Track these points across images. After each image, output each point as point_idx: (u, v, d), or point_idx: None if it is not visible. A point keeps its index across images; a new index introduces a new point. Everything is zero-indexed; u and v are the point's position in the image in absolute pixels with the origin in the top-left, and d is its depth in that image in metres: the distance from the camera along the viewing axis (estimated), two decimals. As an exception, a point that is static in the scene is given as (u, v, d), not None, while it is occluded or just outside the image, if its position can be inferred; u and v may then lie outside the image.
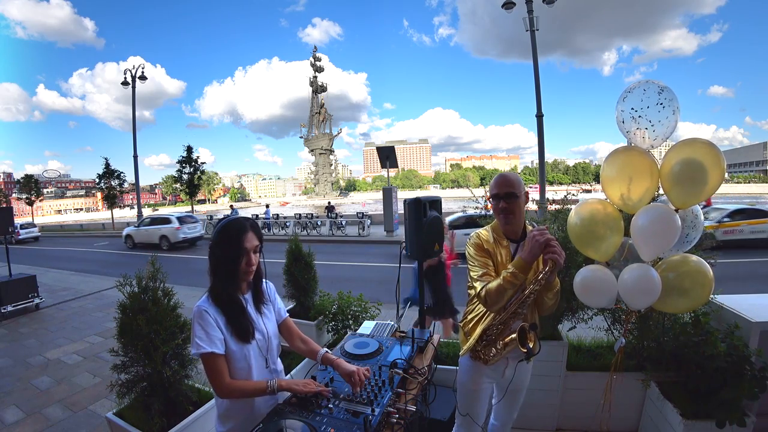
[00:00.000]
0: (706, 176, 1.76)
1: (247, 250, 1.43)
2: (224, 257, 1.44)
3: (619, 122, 2.00)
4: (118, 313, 2.35)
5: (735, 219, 10.66)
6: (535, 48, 14.60)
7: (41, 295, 7.10)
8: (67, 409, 3.50)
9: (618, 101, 1.99)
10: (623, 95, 1.97)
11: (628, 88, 1.97)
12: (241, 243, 1.42)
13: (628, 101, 1.94)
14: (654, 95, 1.86)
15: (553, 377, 2.80)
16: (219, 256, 1.44)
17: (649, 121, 1.89)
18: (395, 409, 1.42)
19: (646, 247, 1.91)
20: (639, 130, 1.95)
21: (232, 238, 1.43)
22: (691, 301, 1.94)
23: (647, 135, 1.94)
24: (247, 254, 1.44)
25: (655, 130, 1.90)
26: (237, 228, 1.44)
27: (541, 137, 14.66)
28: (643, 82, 1.92)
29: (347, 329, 3.66)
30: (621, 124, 1.99)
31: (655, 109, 1.87)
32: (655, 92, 1.86)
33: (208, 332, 1.38)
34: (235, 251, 1.42)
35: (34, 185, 34.99)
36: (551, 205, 3.24)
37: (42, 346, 5.16)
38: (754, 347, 2.22)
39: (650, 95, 1.87)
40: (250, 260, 1.45)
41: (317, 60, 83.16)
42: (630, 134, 1.99)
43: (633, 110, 1.92)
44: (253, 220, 1.52)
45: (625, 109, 1.96)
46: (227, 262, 1.43)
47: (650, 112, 1.88)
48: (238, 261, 1.43)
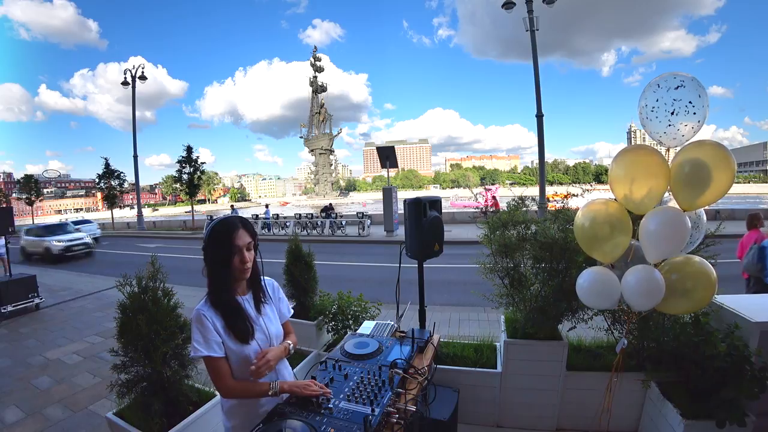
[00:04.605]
0: (714, 178, 1.74)
1: (239, 247, 1.42)
2: (216, 257, 1.43)
3: (645, 118, 1.97)
4: (118, 313, 2.35)
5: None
6: (535, 48, 14.62)
7: (41, 295, 7.10)
8: (67, 409, 3.50)
9: (648, 93, 1.95)
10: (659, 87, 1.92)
11: (656, 82, 1.94)
12: (232, 241, 1.41)
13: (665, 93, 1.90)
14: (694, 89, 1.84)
15: (553, 377, 2.80)
16: (211, 256, 1.44)
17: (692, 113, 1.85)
18: (395, 409, 1.42)
19: (654, 250, 1.90)
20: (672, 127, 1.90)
21: (222, 236, 1.42)
22: (693, 302, 1.93)
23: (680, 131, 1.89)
24: (239, 252, 1.43)
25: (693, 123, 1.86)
26: (227, 226, 1.43)
27: (541, 137, 14.68)
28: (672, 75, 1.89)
29: (347, 329, 3.66)
30: (648, 120, 1.96)
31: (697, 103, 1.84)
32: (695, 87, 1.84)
33: (206, 336, 1.39)
34: (226, 250, 1.41)
35: (34, 185, 34.94)
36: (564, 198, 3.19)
37: (42, 346, 5.16)
38: (754, 347, 2.22)
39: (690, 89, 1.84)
40: (244, 257, 1.44)
41: (317, 60, 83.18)
42: (658, 130, 1.95)
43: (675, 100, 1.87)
44: (244, 218, 1.51)
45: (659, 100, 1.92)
46: (220, 261, 1.43)
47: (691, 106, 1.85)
48: (231, 259, 1.42)
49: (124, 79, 24.34)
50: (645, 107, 1.97)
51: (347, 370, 1.66)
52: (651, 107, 1.95)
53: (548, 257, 2.71)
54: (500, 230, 2.92)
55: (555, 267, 2.72)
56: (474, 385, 2.90)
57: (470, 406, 2.90)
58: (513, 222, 2.90)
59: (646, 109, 1.96)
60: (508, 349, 2.86)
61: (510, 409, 2.92)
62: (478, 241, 3.17)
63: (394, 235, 15.37)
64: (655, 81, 1.95)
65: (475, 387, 2.90)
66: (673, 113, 1.88)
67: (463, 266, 8.94)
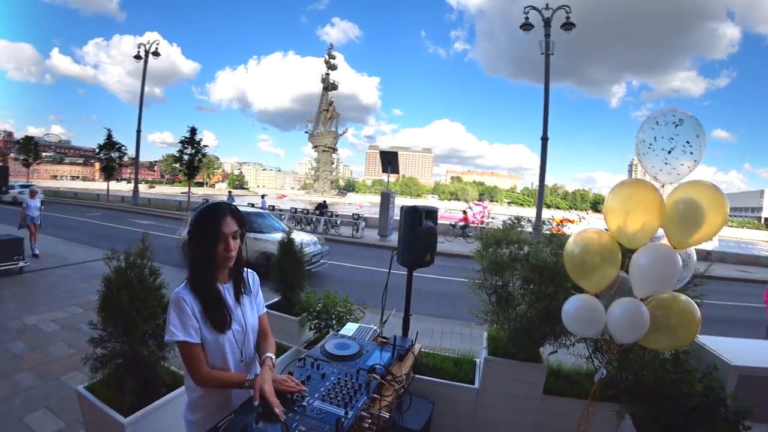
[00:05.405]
0: (707, 219, 1.76)
1: (225, 235, 1.40)
2: (201, 242, 1.40)
3: (641, 153, 1.98)
4: (101, 286, 2.32)
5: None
6: (548, 71, 14.76)
7: (26, 259, 7.03)
8: (38, 378, 3.45)
9: (646, 128, 1.97)
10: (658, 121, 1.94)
11: (655, 116, 1.95)
12: (218, 228, 1.39)
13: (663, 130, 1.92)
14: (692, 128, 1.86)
15: (529, 398, 2.80)
16: (196, 241, 1.41)
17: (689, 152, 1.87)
18: (369, 414, 1.41)
19: (643, 286, 1.90)
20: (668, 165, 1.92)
21: (209, 222, 1.40)
22: (676, 340, 1.94)
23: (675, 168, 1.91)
24: (224, 239, 1.40)
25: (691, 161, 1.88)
26: (215, 212, 1.41)
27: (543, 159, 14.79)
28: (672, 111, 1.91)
29: (330, 329, 3.64)
30: (643, 155, 1.97)
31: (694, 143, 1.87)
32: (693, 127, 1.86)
33: (184, 321, 1.37)
34: (212, 236, 1.39)
35: (33, 148, 34.66)
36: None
37: (21, 310, 5.09)
38: (731, 390, 2.23)
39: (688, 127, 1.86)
40: (228, 246, 1.41)
41: (332, 58, 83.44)
42: (654, 166, 1.96)
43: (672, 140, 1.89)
44: (234, 206, 1.48)
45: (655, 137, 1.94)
46: (204, 247, 1.40)
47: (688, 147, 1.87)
48: (215, 246, 1.40)
49: (137, 53, 24.29)
50: (642, 142, 1.98)
51: (325, 370, 1.65)
52: (648, 143, 1.96)
53: (537, 279, 2.72)
54: (493, 248, 2.93)
55: (543, 290, 2.73)
56: (450, 399, 2.89)
57: (444, 419, 2.89)
58: (507, 241, 2.91)
59: (644, 145, 1.97)
60: (487, 365, 2.86)
61: (484, 427, 2.91)
62: (469, 256, 3.18)
63: (388, 240, 15.37)
64: (654, 116, 1.95)
65: (451, 400, 2.89)
66: (670, 151, 1.89)
67: (451, 279, 8.95)
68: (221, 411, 1.42)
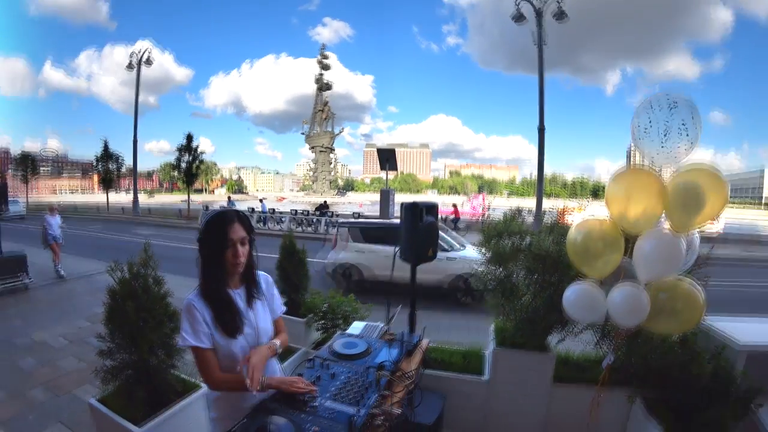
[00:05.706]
0: (708, 202, 1.76)
1: (233, 241, 1.43)
2: (210, 249, 1.44)
3: (637, 138, 1.98)
4: (107, 298, 2.33)
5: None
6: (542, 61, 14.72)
7: (31, 276, 7.04)
8: (50, 392, 3.47)
9: (641, 113, 1.96)
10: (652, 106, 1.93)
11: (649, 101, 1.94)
12: (227, 234, 1.42)
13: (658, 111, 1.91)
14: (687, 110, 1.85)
15: (539, 388, 2.81)
16: (205, 248, 1.45)
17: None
18: (380, 411, 1.42)
19: (647, 271, 1.91)
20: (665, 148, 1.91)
21: (217, 229, 1.43)
22: (681, 323, 1.94)
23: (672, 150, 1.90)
24: (233, 246, 1.43)
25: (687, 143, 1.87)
26: (222, 219, 1.44)
27: (541, 149, 14.77)
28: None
29: (337, 328, 3.65)
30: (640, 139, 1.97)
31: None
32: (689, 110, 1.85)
33: (194, 327, 1.40)
34: (220, 243, 1.42)
35: (31, 163, 34.69)
36: None
37: (29, 327, 5.11)
38: (740, 369, 2.24)
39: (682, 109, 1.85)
40: (237, 252, 1.44)
41: (325, 58, 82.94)
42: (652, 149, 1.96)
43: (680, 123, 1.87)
44: (242, 212, 1.51)
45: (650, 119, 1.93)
46: (213, 254, 1.44)
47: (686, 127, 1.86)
48: (224, 253, 1.43)
49: (130, 62, 24.28)
50: (638, 127, 1.98)
51: (334, 370, 1.66)
52: (644, 128, 1.96)
53: (541, 269, 2.72)
54: (495, 239, 2.93)
55: (547, 279, 2.73)
56: (461, 392, 2.90)
57: (456, 413, 2.90)
58: (508, 232, 2.91)
59: (639, 129, 1.98)
60: (496, 357, 2.86)
61: (496, 418, 2.92)
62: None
63: (390, 237, 15.35)
64: (648, 101, 1.95)
65: (462, 394, 2.91)
66: (666, 134, 1.89)
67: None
68: (238, 412, 1.44)
